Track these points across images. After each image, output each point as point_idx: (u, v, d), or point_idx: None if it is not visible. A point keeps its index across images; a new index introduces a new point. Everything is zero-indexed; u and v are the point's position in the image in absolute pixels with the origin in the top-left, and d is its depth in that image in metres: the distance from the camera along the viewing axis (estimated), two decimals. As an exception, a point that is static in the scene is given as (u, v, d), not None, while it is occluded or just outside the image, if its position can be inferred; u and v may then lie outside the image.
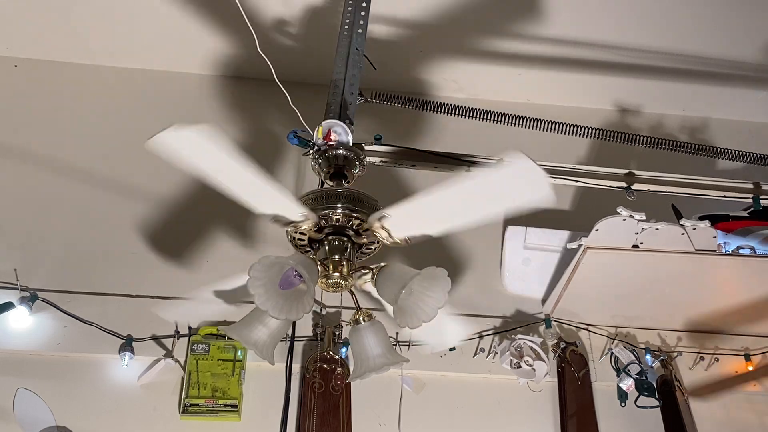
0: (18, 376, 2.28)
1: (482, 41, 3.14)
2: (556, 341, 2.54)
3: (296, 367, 2.39)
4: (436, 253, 2.73)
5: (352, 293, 1.73)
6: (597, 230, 2.29)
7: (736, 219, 2.56)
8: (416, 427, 2.38)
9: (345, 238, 1.68)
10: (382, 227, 1.62)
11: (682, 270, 2.40)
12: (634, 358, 2.51)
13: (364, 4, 2.24)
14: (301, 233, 1.69)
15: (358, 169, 1.89)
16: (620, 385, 2.46)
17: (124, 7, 2.97)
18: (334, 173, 1.86)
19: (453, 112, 2.31)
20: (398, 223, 1.60)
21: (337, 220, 1.66)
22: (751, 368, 2.60)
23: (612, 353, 2.55)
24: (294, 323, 2.32)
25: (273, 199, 1.56)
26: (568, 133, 2.37)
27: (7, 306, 2.29)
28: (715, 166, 2.98)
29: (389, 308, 1.63)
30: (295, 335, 2.41)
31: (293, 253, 1.76)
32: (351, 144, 1.87)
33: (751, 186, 2.33)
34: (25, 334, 2.34)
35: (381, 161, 2.18)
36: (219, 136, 1.40)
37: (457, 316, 1.83)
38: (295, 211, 1.60)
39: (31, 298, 2.34)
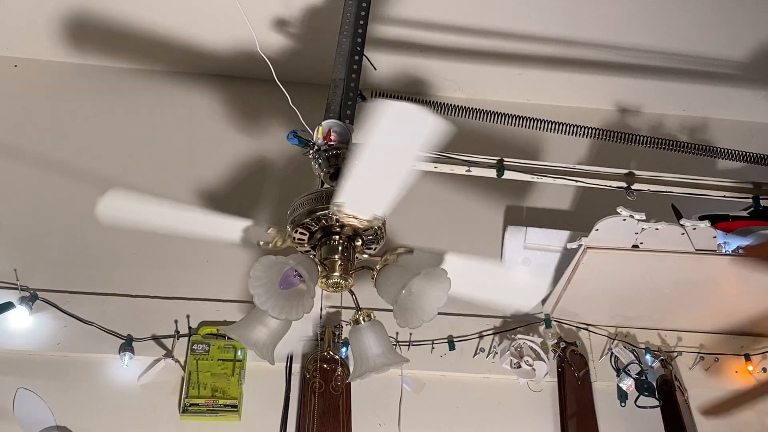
0: (18, 376, 2.27)
1: (482, 41, 3.14)
2: (556, 341, 2.53)
3: (296, 367, 2.39)
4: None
5: (352, 293, 1.73)
6: (597, 230, 2.29)
7: (736, 219, 2.55)
8: (416, 427, 2.38)
9: (340, 238, 1.69)
10: (347, 214, 1.62)
11: (682, 270, 2.40)
12: (634, 358, 2.51)
13: (364, 4, 2.24)
14: (299, 240, 1.70)
15: (358, 169, 1.89)
16: (620, 385, 2.46)
17: (124, 7, 2.98)
18: (334, 173, 1.86)
19: (453, 112, 2.31)
20: (352, 203, 1.60)
21: (338, 220, 1.67)
22: (751, 368, 2.61)
23: (612, 353, 2.55)
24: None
25: (232, 226, 1.58)
26: (568, 133, 2.37)
27: (7, 306, 2.29)
28: (715, 166, 2.98)
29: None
30: (295, 335, 2.42)
31: (293, 253, 1.76)
32: (351, 144, 1.87)
33: (751, 186, 2.33)
34: (25, 334, 2.34)
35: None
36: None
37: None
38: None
39: (31, 298, 2.34)
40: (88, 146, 2.93)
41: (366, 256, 1.75)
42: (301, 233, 1.71)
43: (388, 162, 1.48)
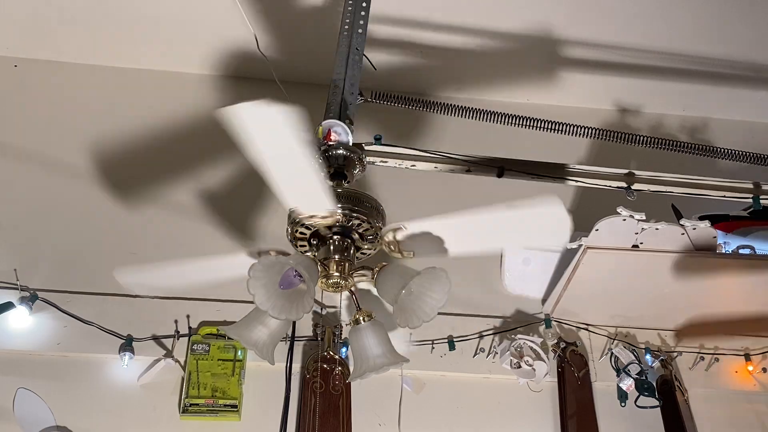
0: (18, 376, 2.27)
1: (482, 41, 3.14)
2: (556, 341, 2.54)
3: (296, 367, 2.39)
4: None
5: (352, 293, 1.73)
6: (597, 230, 2.29)
7: (736, 219, 2.56)
8: (416, 427, 2.38)
9: (348, 240, 1.68)
10: (394, 239, 1.62)
11: (682, 270, 2.40)
12: (634, 358, 2.51)
13: (364, 4, 2.24)
14: (306, 227, 1.68)
15: (358, 169, 1.89)
16: (620, 385, 2.46)
17: (124, 6, 2.97)
18: (334, 173, 1.86)
19: (453, 112, 2.30)
20: (411, 237, 1.60)
21: (338, 220, 1.66)
22: (751, 368, 2.60)
23: (612, 353, 2.55)
24: (294, 323, 2.33)
25: (309, 187, 1.55)
26: (568, 133, 2.37)
27: (7, 306, 2.29)
28: (715, 166, 2.98)
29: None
30: (295, 335, 2.42)
31: (293, 252, 1.76)
32: (351, 144, 1.87)
33: (751, 186, 2.33)
34: (25, 334, 2.34)
35: (381, 161, 2.18)
36: (295, 120, 1.37)
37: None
38: (324, 205, 1.60)
39: (31, 298, 2.34)
40: (88, 146, 2.92)
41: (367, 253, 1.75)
42: (301, 233, 1.70)
43: (488, 236, 1.48)
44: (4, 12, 3.02)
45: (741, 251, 2.48)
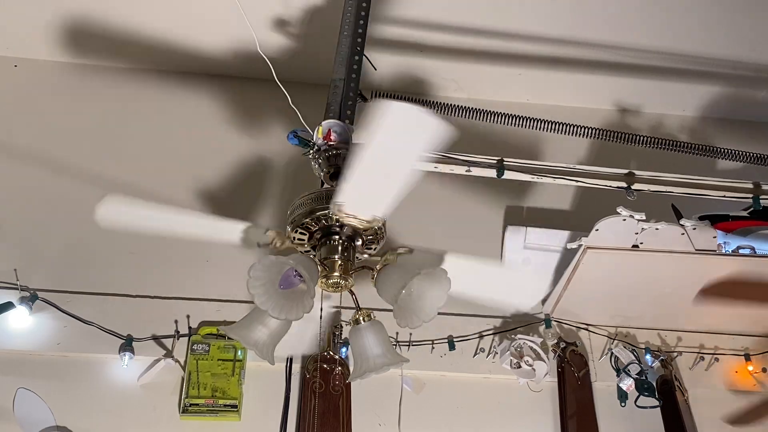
0: (18, 376, 2.27)
1: (482, 41, 3.14)
2: (556, 341, 2.54)
3: (296, 367, 2.39)
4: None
5: (352, 293, 1.73)
6: (597, 230, 2.29)
7: (736, 219, 2.56)
8: (416, 427, 2.38)
9: (340, 238, 1.68)
10: (347, 215, 1.62)
11: (682, 270, 2.40)
12: (634, 358, 2.51)
13: (364, 4, 2.24)
14: (309, 226, 1.69)
15: (358, 170, 1.89)
16: (620, 385, 2.46)
17: (123, 7, 2.97)
18: (334, 173, 1.86)
19: (453, 112, 2.31)
20: (353, 203, 1.59)
21: (337, 220, 1.66)
22: (751, 368, 2.61)
23: (612, 353, 2.55)
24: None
25: (231, 228, 1.59)
26: (568, 133, 2.37)
27: (7, 306, 2.29)
28: (715, 166, 2.98)
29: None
30: (295, 335, 2.42)
31: (293, 253, 1.76)
32: (351, 144, 1.87)
33: (751, 186, 2.33)
34: (25, 334, 2.34)
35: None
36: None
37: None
38: (260, 232, 1.63)
39: (31, 298, 2.34)
40: (88, 146, 2.93)
41: (366, 256, 1.75)
42: (301, 233, 1.71)
43: (389, 163, 1.47)
44: (4, 12, 3.02)
45: (741, 251, 2.48)
